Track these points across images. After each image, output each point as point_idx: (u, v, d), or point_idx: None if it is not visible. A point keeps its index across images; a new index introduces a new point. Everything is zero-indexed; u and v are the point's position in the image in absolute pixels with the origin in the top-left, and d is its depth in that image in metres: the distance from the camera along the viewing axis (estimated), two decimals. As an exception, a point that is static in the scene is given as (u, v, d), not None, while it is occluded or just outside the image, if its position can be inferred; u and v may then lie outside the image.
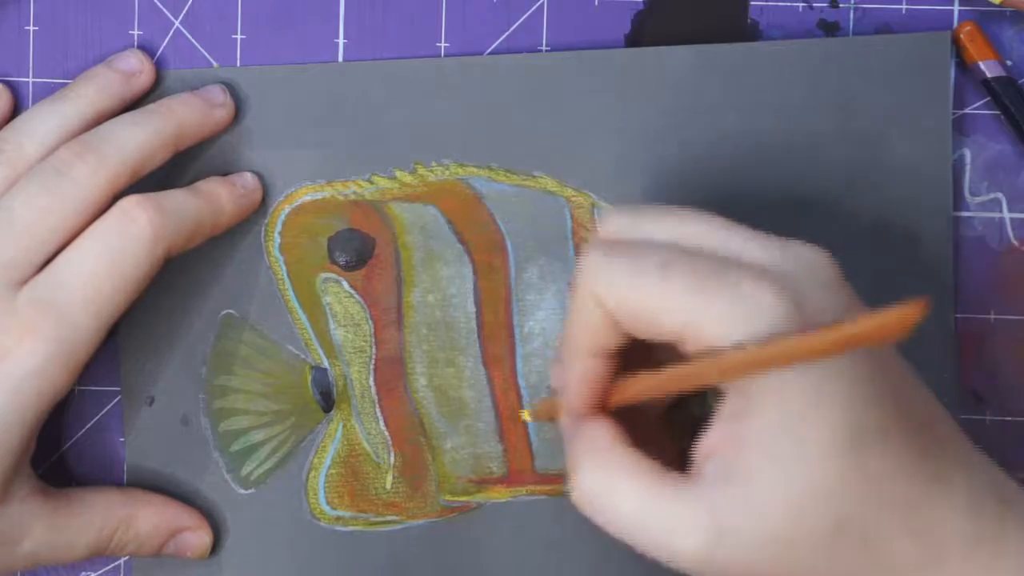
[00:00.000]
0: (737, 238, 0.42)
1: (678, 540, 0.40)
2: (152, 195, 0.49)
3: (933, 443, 0.41)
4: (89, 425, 0.54)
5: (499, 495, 0.54)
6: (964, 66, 0.53)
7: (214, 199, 0.51)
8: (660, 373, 0.41)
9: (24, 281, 0.48)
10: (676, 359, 0.41)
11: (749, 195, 0.53)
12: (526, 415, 0.53)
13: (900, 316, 0.35)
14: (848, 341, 0.37)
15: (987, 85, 0.53)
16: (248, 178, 0.53)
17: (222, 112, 0.52)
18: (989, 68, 0.53)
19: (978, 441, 0.44)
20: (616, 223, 0.43)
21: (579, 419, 0.43)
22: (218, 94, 0.52)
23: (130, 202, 0.48)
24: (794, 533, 0.40)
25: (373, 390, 0.54)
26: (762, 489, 0.40)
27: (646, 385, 0.42)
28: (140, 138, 0.49)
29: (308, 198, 0.54)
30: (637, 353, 0.43)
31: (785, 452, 0.39)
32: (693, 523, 0.40)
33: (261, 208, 0.53)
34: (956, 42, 0.53)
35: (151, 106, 0.51)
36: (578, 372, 0.43)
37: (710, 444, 0.41)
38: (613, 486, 0.42)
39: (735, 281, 0.40)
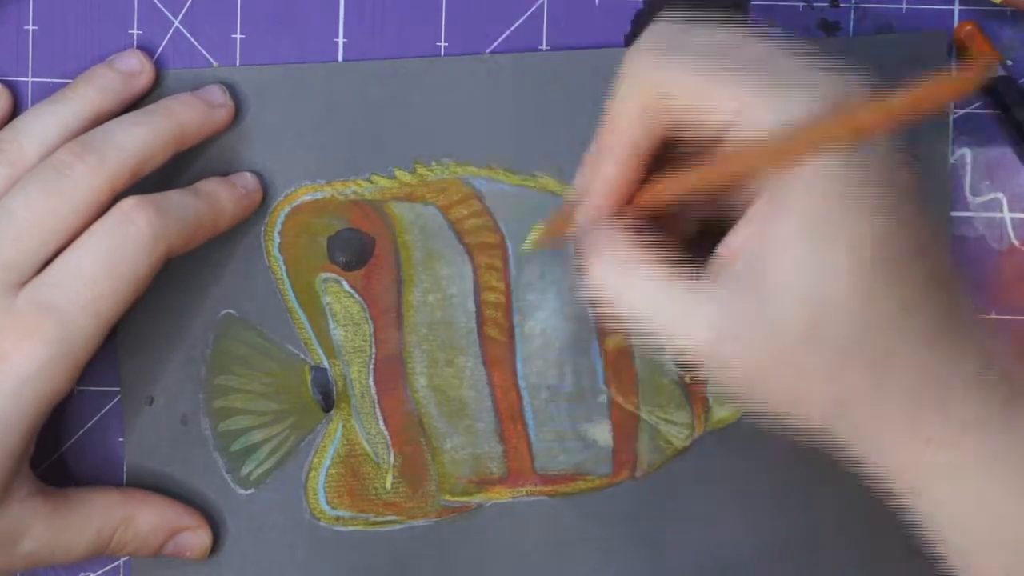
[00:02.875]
0: (786, 51, 0.41)
1: (687, 330, 0.40)
2: (151, 196, 0.49)
3: (953, 298, 0.41)
4: (89, 425, 0.54)
5: (499, 495, 0.54)
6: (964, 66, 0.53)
7: (214, 200, 0.51)
8: (692, 169, 0.41)
9: (23, 282, 0.48)
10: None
11: (749, 195, 0.53)
12: (529, 242, 0.52)
13: (952, 81, 0.34)
14: (889, 111, 0.35)
15: (987, 85, 0.53)
16: (248, 178, 0.53)
17: (222, 112, 0.52)
18: (989, 68, 0.53)
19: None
20: (661, 30, 0.42)
21: (598, 221, 0.43)
22: (218, 94, 0.52)
23: (129, 203, 0.48)
24: (805, 340, 0.39)
25: (373, 390, 0.54)
26: (781, 291, 0.39)
27: (673, 184, 0.42)
28: (140, 139, 0.49)
29: (308, 198, 0.53)
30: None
31: (810, 257, 0.39)
32: (705, 315, 0.40)
33: (261, 208, 0.53)
34: (956, 42, 0.53)
35: (151, 107, 0.51)
36: (607, 171, 0.43)
37: (733, 246, 0.41)
38: (629, 273, 0.42)
39: (790, 69, 0.39)
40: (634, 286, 0.42)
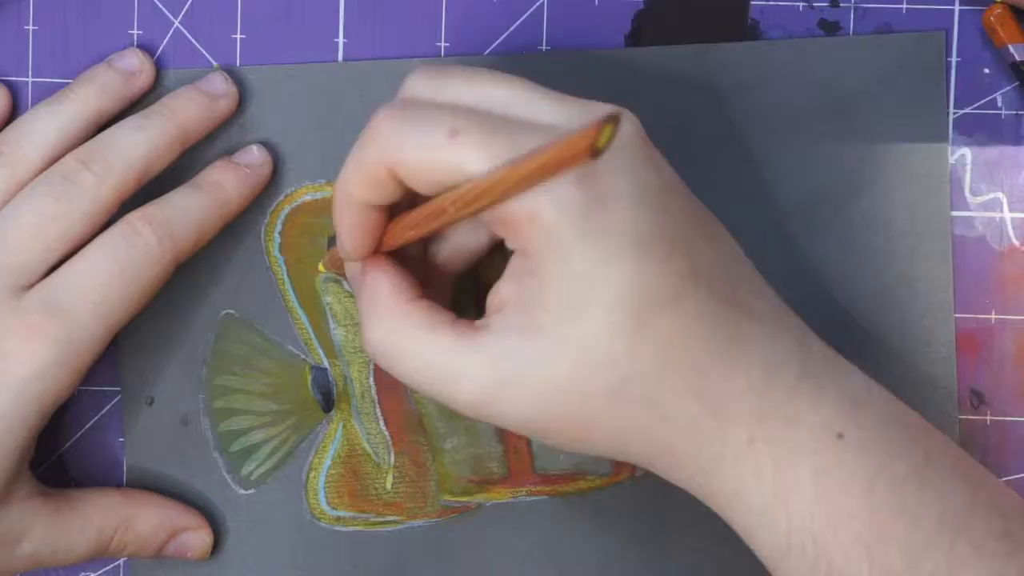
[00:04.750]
0: (540, 101, 0.42)
1: (460, 386, 0.42)
2: (157, 206, 0.49)
3: (732, 310, 0.42)
4: (89, 425, 0.54)
5: (499, 495, 0.54)
6: (994, 48, 0.53)
7: (219, 192, 0.51)
8: (415, 211, 0.42)
9: (29, 286, 0.48)
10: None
11: (748, 194, 0.53)
12: (320, 267, 0.52)
13: (593, 130, 0.34)
14: (552, 157, 0.36)
15: (1016, 68, 0.52)
16: (254, 153, 0.52)
17: (225, 103, 0.52)
18: (1019, 52, 0.52)
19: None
20: (419, 84, 0.43)
21: (360, 266, 0.44)
22: (219, 84, 0.52)
23: (136, 216, 0.49)
24: (577, 388, 0.41)
25: (373, 390, 0.54)
26: (549, 344, 0.41)
27: (406, 225, 0.43)
28: (145, 144, 0.49)
29: (308, 198, 0.54)
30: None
31: (573, 310, 0.40)
32: (476, 371, 0.41)
33: (261, 208, 0.53)
34: (986, 25, 0.53)
35: (154, 108, 0.51)
36: (350, 221, 0.44)
37: (500, 298, 0.42)
38: (398, 335, 0.43)
39: (523, 143, 0.40)
40: (404, 346, 0.43)
